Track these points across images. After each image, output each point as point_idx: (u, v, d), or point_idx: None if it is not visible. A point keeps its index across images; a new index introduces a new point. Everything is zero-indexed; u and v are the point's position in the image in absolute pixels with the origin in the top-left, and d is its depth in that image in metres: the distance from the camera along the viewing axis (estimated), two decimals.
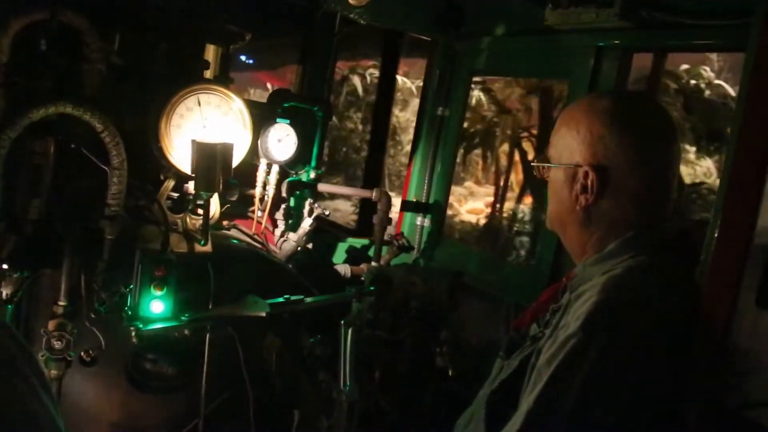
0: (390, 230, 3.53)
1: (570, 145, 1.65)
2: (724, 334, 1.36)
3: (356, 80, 11.79)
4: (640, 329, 1.42)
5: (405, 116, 12.90)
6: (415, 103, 8.33)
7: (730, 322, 1.36)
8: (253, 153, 2.77)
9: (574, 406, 1.39)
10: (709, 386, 1.40)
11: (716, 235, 1.40)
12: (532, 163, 2.11)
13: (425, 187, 3.77)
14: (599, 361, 1.39)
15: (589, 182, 1.60)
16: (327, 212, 3.14)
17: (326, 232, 3.51)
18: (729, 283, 1.37)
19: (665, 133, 1.63)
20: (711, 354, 1.39)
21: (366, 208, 4.11)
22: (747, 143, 1.38)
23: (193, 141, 2.29)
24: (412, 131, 4.41)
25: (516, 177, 12.01)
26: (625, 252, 1.57)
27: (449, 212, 4.03)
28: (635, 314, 1.43)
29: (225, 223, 2.86)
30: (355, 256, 3.57)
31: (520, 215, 10.42)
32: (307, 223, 3.05)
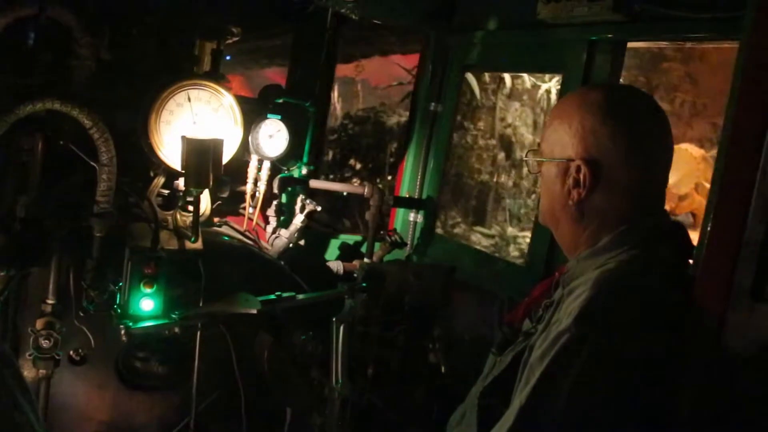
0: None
1: (562, 140, 1.63)
2: (717, 326, 1.35)
3: (472, 80, 9.34)
4: (632, 324, 1.41)
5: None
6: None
7: (723, 314, 1.35)
8: (244, 149, 2.75)
9: (566, 401, 1.37)
10: (703, 378, 1.39)
11: (709, 227, 1.39)
12: (524, 158, 2.10)
13: (418, 183, 3.75)
14: (592, 356, 1.37)
15: (582, 176, 1.58)
16: (319, 208, 3.12)
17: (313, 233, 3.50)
18: (722, 275, 1.36)
19: (657, 126, 1.62)
20: (704, 347, 1.38)
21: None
22: (740, 135, 1.37)
23: (183, 137, 2.27)
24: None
25: None
26: (618, 246, 1.56)
27: None
28: (628, 309, 1.42)
29: (216, 220, 2.85)
30: (347, 253, 3.55)
31: None
32: (298, 220, 3.03)
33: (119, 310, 2.26)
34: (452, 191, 4.99)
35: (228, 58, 2.65)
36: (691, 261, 1.54)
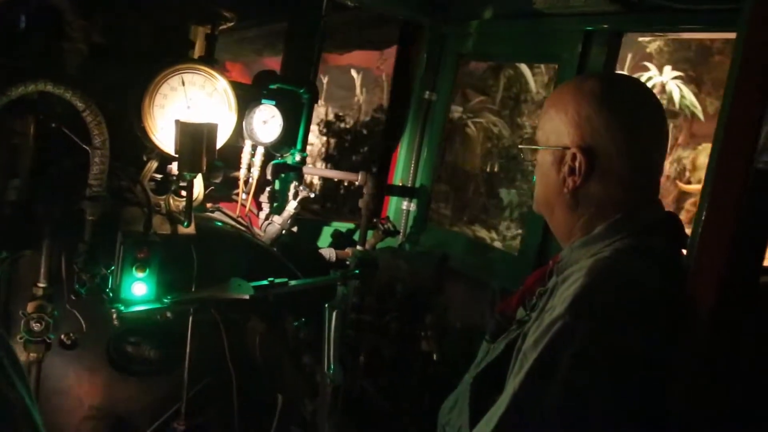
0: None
1: (557, 128, 1.63)
2: (711, 315, 1.36)
3: (526, 71, 8.13)
4: (626, 312, 1.41)
5: None
6: None
7: (717, 304, 1.35)
8: (238, 134, 2.74)
9: (560, 388, 1.38)
10: (695, 367, 1.39)
11: (704, 216, 1.39)
12: (519, 146, 2.10)
13: (411, 172, 3.75)
14: (585, 344, 1.38)
15: (577, 164, 1.58)
16: (312, 195, 3.11)
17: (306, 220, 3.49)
18: (717, 265, 1.36)
19: (653, 115, 1.62)
20: (698, 335, 1.38)
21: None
22: (736, 125, 1.37)
23: (177, 121, 2.26)
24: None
25: None
26: (613, 234, 1.56)
27: None
28: (622, 296, 1.42)
29: (209, 205, 2.83)
30: (340, 240, 3.55)
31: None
32: (291, 206, 3.02)
33: (111, 294, 2.25)
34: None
35: None
36: (684, 251, 1.55)
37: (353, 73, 12.52)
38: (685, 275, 1.44)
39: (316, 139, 9.77)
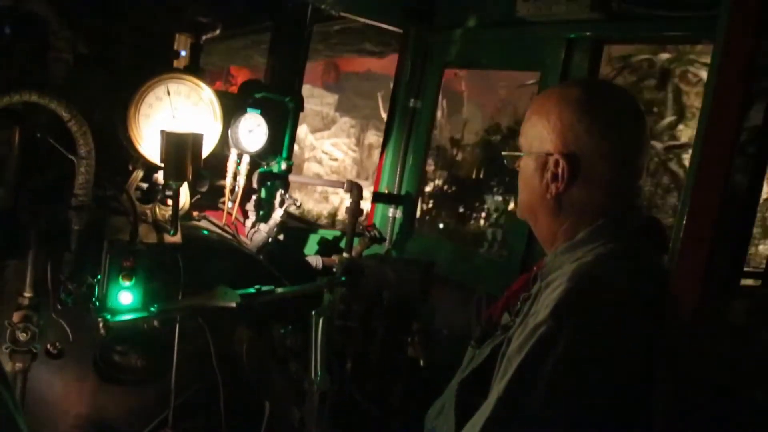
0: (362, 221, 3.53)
1: (540, 134, 1.65)
2: (693, 318, 1.37)
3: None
4: (609, 316, 1.43)
5: None
6: None
7: (699, 307, 1.37)
8: (224, 143, 2.74)
9: (544, 393, 1.39)
10: (678, 372, 1.41)
11: (684, 221, 1.41)
12: (502, 153, 2.11)
13: (397, 179, 3.77)
14: (569, 348, 1.39)
15: (560, 170, 1.60)
16: (299, 203, 3.12)
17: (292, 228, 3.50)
18: (698, 268, 1.38)
19: (634, 121, 1.64)
20: (681, 339, 1.40)
21: None
22: (716, 128, 1.40)
23: (163, 131, 2.26)
24: None
25: None
26: (596, 239, 1.58)
27: None
28: (605, 301, 1.44)
29: (195, 214, 2.84)
30: (326, 248, 3.56)
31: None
32: (278, 214, 3.03)
33: (97, 304, 2.24)
34: None
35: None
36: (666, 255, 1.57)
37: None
38: (667, 279, 1.46)
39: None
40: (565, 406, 1.40)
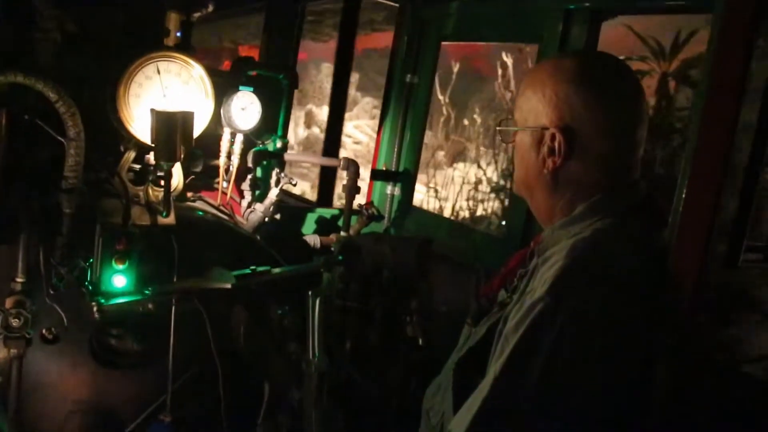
0: (359, 199, 3.50)
1: (536, 108, 1.61)
2: (693, 294, 1.34)
3: None
4: (607, 292, 1.40)
5: None
6: None
7: (699, 282, 1.34)
8: (217, 122, 2.71)
9: (541, 371, 1.36)
10: (679, 347, 1.38)
11: (684, 195, 1.38)
12: (497, 128, 2.07)
13: (395, 156, 3.73)
14: (567, 325, 1.36)
15: (556, 144, 1.56)
16: (294, 182, 3.09)
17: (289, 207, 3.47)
18: (697, 243, 1.35)
19: (632, 93, 1.60)
20: (679, 316, 1.37)
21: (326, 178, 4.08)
22: (715, 103, 1.36)
23: (152, 110, 2.22)
24: None
25: None
26: (593, 215, 1.55)
27: None
28: (602, 277, 1.41)
29: (190, 194, 2.81)
30: (324, 227, 3.53)
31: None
32: (274, 194, 3.00)
33: (91, 287, 2.22)
34: None
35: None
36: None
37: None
38: (665, 255, 1.43)
39: None
40: (562, 385, 1.37)
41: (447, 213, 8.89)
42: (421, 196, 9.11)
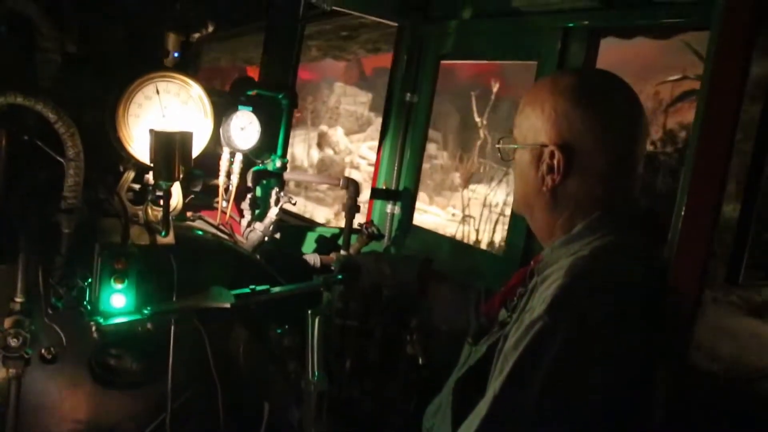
0: (359, 218, 3.49)
1: (535, 125, 1.61)
2: (692, 313, 1.34)
3: None
4: (606, 311, 1.39)
5: None
6: None
7: (698, 300, 1.34)
8: (216, 142, 2.71)
9: (540, 390, 1.36)
10: (678, 365, 1.38)
11: (683, 213, 1.38)
12: (497, 145, 2.07)
13: (395, 175, 3.73)
14: (565, 344, 1.36)
15: (555, 162, 1.57)
16: (294, 201, 3.09)
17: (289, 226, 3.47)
18: (697, 261, 1.35)
19: (631, 110, 1.60)
20: (679, 333, 1.37)
21: None
22: (713, 118, 1.36)
23: (151, 131, 2.23)
24: None
25: None
26: (592, 233, 1.54)
27: None
28: (601, 296, 1.41)
29: (189, 214, 2.80)
30: (324, 245, 3.52)
31: None
32: (273, 213, 3.00)
33: (89, 307, 2.21)
34: None
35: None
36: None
37: None
38: (665, 272, 1.42)
39: None
40: (561, 404, 1.37)
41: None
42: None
